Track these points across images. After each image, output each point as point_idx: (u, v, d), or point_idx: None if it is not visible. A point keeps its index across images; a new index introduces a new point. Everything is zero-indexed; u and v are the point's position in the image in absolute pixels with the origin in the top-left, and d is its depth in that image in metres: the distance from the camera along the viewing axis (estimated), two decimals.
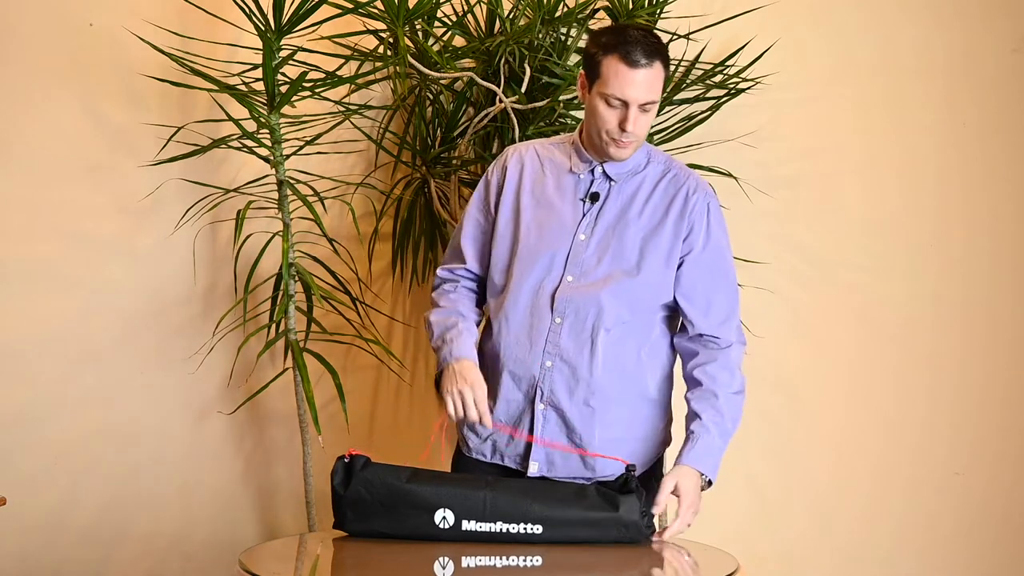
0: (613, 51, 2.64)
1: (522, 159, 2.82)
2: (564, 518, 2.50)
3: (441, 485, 2.53)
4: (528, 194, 2.78)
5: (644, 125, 2.68)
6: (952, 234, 3.85)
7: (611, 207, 2.75)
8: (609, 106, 2.66)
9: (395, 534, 2.53)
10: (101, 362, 3.76)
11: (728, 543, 2.72)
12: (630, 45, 2.63)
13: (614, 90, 2.63)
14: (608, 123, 2.66)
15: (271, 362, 3.76)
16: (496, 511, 2.49)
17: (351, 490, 2.55)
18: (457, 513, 2.50)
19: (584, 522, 2.51)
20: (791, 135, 3.84)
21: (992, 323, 3.84)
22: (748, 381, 3.83)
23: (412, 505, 2.52)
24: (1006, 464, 3.84)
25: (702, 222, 2.75)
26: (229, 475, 3.84)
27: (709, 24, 3.75)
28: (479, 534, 2.49)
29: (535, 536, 2.49)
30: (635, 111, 2.64)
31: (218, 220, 3.75)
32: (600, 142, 2.71)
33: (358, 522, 2.57)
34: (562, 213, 2.75)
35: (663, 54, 2.67)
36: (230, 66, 3.64)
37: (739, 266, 3.75)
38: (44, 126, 3.73)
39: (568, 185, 2.77)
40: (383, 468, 2.58)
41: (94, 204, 3.76)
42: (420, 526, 2.51)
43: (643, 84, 2.63)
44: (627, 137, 2.67)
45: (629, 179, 2.77)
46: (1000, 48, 3.82)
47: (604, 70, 2.64)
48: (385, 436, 3.87)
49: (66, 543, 3.75)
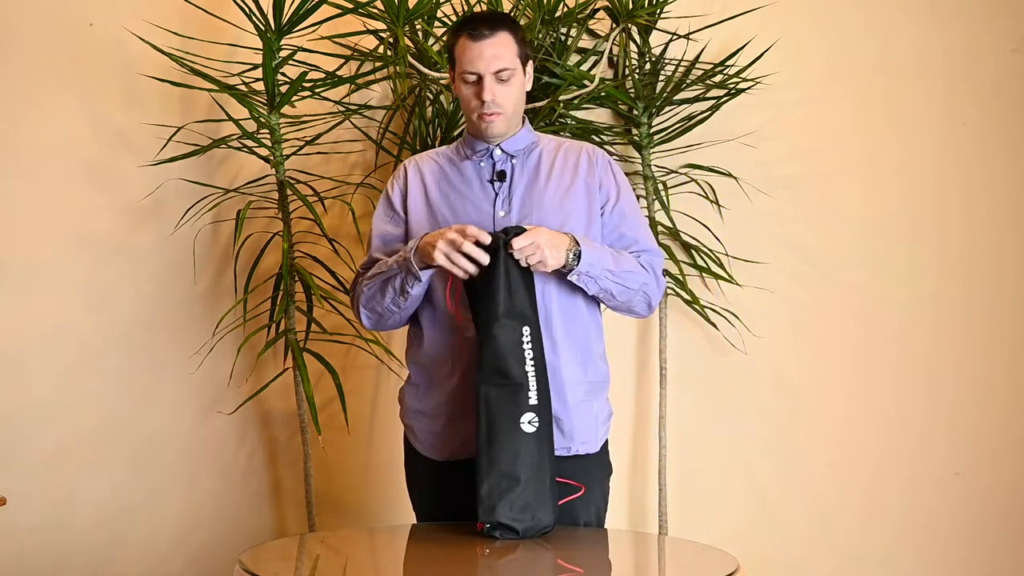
0: (459, 33, 2.76)
1: (419, 166, 2.89)
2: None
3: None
4: (435, 191, 2.83)
5: (506, 95, 2.74)
6: (952, 234, 3.85)
7: (519, 181, 2.80)
8: (467, 83, 2.75)
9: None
10: (101, 362, 3.76)
11: (728, 543, 2.72)
12: (471, 22, 2.77)
13: (465, 66, 2.74)
14: (470, 100, 2.75)
15: (271, 362, 3.76)
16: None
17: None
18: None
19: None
20: (791, 135, 3.84)
21: (992, 323, 3.84)
22: (748, 381, 3.87)
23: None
24: (1006, 464, 3.84)
25: (608, 174, 2.83)
26: (229, 475, 3.84)
27: (709, 24, 3.75)
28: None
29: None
30: (489, 80, 2.71)
31: (218, 220, 3.75)
32: (474, 125, 2.79)
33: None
34: (474, 197, 2.80)
35: (507, 23, 2.76)
36: (230, 66, 3.64)
37: (739, 266, 3.78)
38: (44, 126, 3.73)
39: (471, 173, 2.82)
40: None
41: (94, 204, 3.76)
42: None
43: (489, 53, 2.71)
44: (489, 108, 2.73)
45: (527, 155, 2.83)
46: (1000, 48, 3.82)
47: (456, 52, 2.76)
48: (385, 436, 3.87)
49: (66, 543, 3.75)
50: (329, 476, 3.84)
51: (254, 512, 3.86)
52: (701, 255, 3.75)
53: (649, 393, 3.82)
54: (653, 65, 3.77)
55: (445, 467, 2.78)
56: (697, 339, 3.83)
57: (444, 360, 2.77)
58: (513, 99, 2.76)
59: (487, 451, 2.56)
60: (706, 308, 3.73)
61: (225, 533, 3.82)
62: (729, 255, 3.79)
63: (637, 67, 3.77)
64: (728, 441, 3.87)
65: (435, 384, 2.79)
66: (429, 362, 2.80)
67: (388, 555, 2.63)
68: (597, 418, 2.80)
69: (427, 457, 2.82)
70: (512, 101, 2.76)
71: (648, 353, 3.81)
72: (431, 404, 2.80)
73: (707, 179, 3.78)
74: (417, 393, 2.84)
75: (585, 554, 2.54)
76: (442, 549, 2.53)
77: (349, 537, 2.75)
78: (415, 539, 2.73)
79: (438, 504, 2.82)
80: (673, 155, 3.80)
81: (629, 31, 3.74)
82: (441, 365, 2.78)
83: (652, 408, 3.80)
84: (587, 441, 2.77)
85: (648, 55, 3.77)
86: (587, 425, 2.76)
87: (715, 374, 3.86)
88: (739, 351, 3.80)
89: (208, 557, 3.82)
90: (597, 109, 3.81)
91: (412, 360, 2.87)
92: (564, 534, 2.59)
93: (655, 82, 3.75)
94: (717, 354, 3.83)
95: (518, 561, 2.46)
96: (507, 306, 2.58)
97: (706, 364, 3.85)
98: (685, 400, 3.83)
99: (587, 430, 2.76)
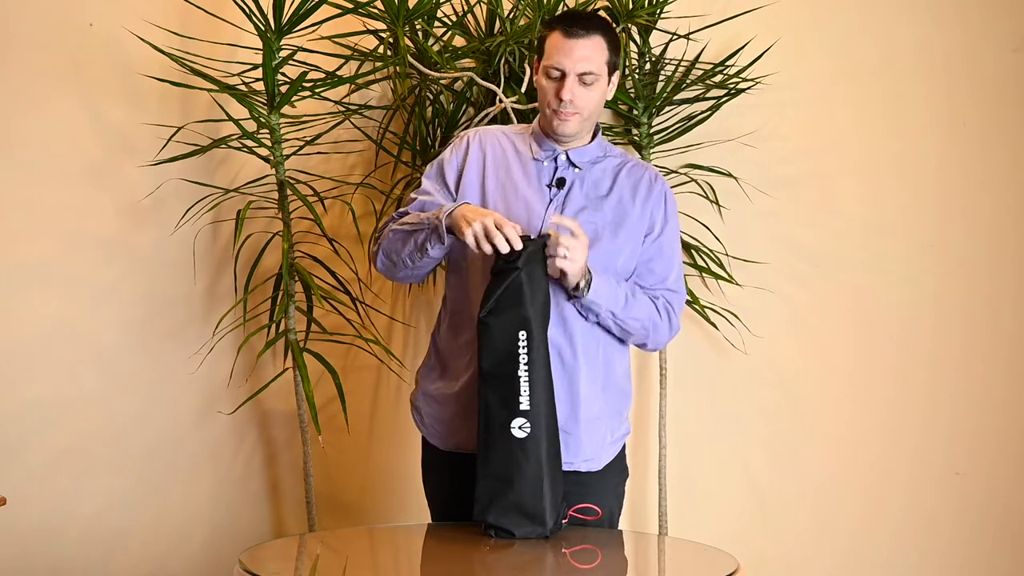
0: (554, 27, 2.73)
1: (483, 143, 2.82)
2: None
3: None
4: (492, 178, 2.78)
5: (585, 98, 2.70)
6: (952, 234, 3.84)
7: (577, 193, 2.77)
8: (550, 78, 2.71)
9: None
10: (101, 362, 3.76)
11: (728, 543, 2.72)
12: (569, 19, 2.74)
13: (551, 60, 2.70)
14: (548, 94, 2.72)
15: (271, 362, 3.76)
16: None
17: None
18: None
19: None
20: (791, 135, 3.84)
21: (992, 323, 3.84)
22: (748, 381, 3.87)
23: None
24: (1006, 464, 3.83)
25: (661, 206, 2.81)
26: (229, 475, 3.84)
27: (709, 24, 3.75)
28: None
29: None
30: (572, 80, 2.68)
31: (218, 220, 3.75)
32: (546, 119, 2.75)
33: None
34: (528, 198, 2.76)
35: (604, 29, 2.73)
36: (230, 66, 3.64)
37: (739, 266, 3.78)
38: (44, 126, 3.73)
39: (532, 172, 2.79)
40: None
41: (94, 204, 3.76)
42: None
43: (578, 53, 2.68)
44: (565, 108, 2.70)
45: (591, 167, 2.80)
46: (1000, 48, 3.82)
47: (546, 46, 2.72)
48: (385, 436, 3.87)
49: (66, 543, 3.75)
50: (329, 476, 3.84)
51: (254, 512, 3.86)
52: (701, 255, 3.75)
53: (649, 393, 3.81)
54: (653, 65, 3.77)
55: (454, 457, 2.77)
56: (697, 339, 3.83)
57: (463, 353, 2.75)
58: (592, 104, 2.72)
59: (483, 451, 2.57)
60: (706, 308, 3.73)
61: (225, 533, 3.82)
62: (729, 255, 3.79)
63: (637, 67, 3.77)
64: (728, 441, 3.87)
65: (450, 374, 2.78)
66: (448, 350, 2.79)
67: (388, 555, 2.63)
68: (606, 438, 2.78)
69: (434, 446, 2.82)
70: (591, 106, 2.72)
71: (648, 353, 3.81)
72: (443, 392, 2.79)
73: (707, 179, 3.78)
74: (431, 376, 2.83)
75: (585, 554, 2.53)
76: (442, 549, 2.53)
77: (349, 537, 2.75)
78: (415, 539, 2.73)
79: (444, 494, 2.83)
80: (673, 155, 3.80)
81: (629, 31, 3.74)
82: (459, 357, 2.76)
83: (652, 408, 3.80)
84: (591, 459, 2.75)
85: (648, 55, 3.77)
86: (593, 443, 2.75)
87: (715, 374, 3.85)
88: (739, 351, 3.80)
89: (208, 557, 3.82)
90: None
91: (435, 341, 2.85)
92: (566, 533, 2.59)
93: (655, 82, 3.75)
94: (717, 354, 3.83)
95: (517, 560, 2.46)
96: (510, 306, 2.57)
97: (706, 364, 3.85)
98: (685, 400, 3.83)
99: (593, 447, 2.75)
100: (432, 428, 2.82)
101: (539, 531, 2.54)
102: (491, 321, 2.57)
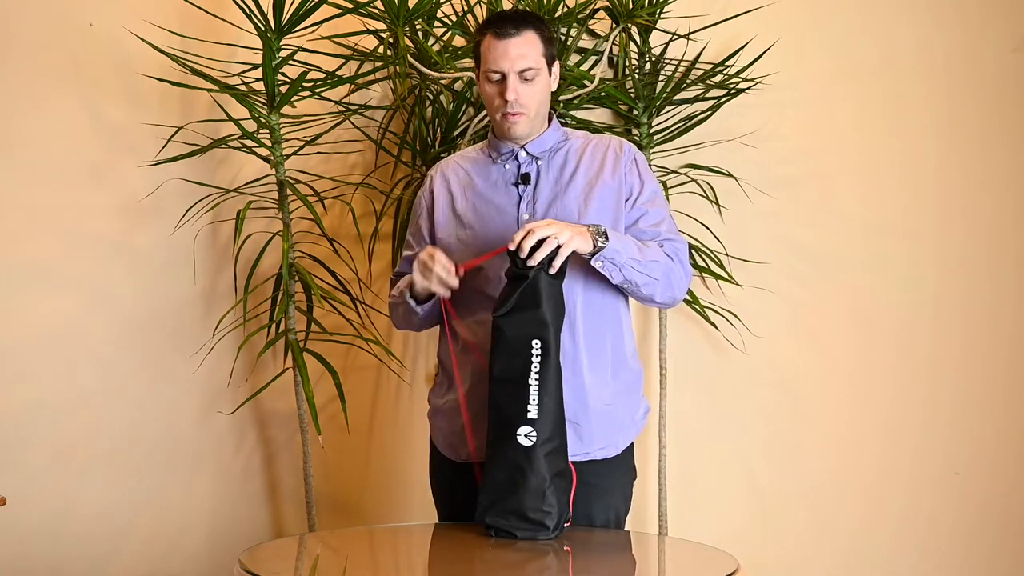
0: (485, 30, 2.75)
1: (444, 174, 2.87)
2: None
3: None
4: (461, 199, 2.82)
5: (529, 95, 2.72)
6: (952, 234, 3.85)
7: (544, 183, 2.78)
8: (491, 83, 2.73)
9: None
10: (101, 362, 3.76)
11: (728, 543, 2.72)
12: (498, 21, 2.75)
13: (489, 64, 2.72)
14: (494, 99, 2.73)
15: (271, 362, 3.76)
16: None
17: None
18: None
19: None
20: (791, 135, 3.84)
21: (992, 323, 3.84)
22: (748, 381, 3.87)
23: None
24: (1006, 464, 3.84)
25: (634, 170, 2.80)
26: (229, 475, 3.84)
27: (709, 24, 3.75)
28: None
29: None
30: (513, 80, 2.70)
31: (218, 220, 3.76)
32: (497, 124, 2.77)
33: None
34: (499, 204, 2.78)
35: (535, 23, 2.74)
36: (230, 66, 3.64)
37: (739, 266, 3.79)
38: (44, 126, 3.73)
39: (497, 176, 2.81)
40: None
41: (94, 204, 3.76)
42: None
43: (514, 52, 2.70)
44: (512, 108, 2.72)
45: (553, 155, 2.80)
46: (1000, 48, 3.82)
47: (482, 51, 2.74)
48: (385, 436, 3.87)
49: (66, 543, 3.75)
50: (329, 476, 3.84)
51: (254, 512, 3.86)
52: (701, 255, 3.75)
53: (649, 393, 3.81)
54: (653, 65, 3.77)
55: (462, 468, 2.77)
56: (697, 339, 3.83)
57: (463, 364, 2.76)
58: (537, 99, 2.74)
59: (489, 457, 2.57)
60: (706, 308, 3.73)
61: (225, 533, 3.82)
62: (729, 255, 3.79)
63: (637, 67, 3.77)
64: (728, 441, 3.87)
65: (456, 382, 2.79)
66: (450, 364, 2.80)
67: (388, 555, 2.63)
68: (623, 422, 2.77)
69: (445, 456, 2.83)
70: (536, 101, 2.74)
71: (648, 353, 3.81)
72: (449, 405, 2.80)
73: (707, 179, 3.78)
74: (439, 392, 2.86)
75: (585, 554, 2.53)
76: (443, 548, 2.53)
77: (349, 537, 2.75)
78: (415, 539, 2.73)
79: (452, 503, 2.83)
80: (673, 155, 3.80)
81: (629, 31, 3.74)
82: (463, 366, 2.77)
83: (652, 408, 3.79)
84: (606, 446, 2.75)
85: (648, 55, 3.77)
86: (607, 431, 2.74)
87: (715, 374, 3.86)
88: (739, 351, 3.80)
89: (207, 557, 3.82)
90: (597, 109, 3.81)
91: (441, 360, 2.88)
92: (567, 534, 2.59)
93: (655, 82, 3.75)
94: (717, 354, 3.83)
95: (517, 560, 2.45)
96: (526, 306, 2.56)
97: (706, 364, 3.85)
98: (685, 400, 3.83)
99: (607, 435, 2.74)
100: (444, 441, 2.84)
101: (542, 534, 2.54)
102: (505, 326, 2.56)
